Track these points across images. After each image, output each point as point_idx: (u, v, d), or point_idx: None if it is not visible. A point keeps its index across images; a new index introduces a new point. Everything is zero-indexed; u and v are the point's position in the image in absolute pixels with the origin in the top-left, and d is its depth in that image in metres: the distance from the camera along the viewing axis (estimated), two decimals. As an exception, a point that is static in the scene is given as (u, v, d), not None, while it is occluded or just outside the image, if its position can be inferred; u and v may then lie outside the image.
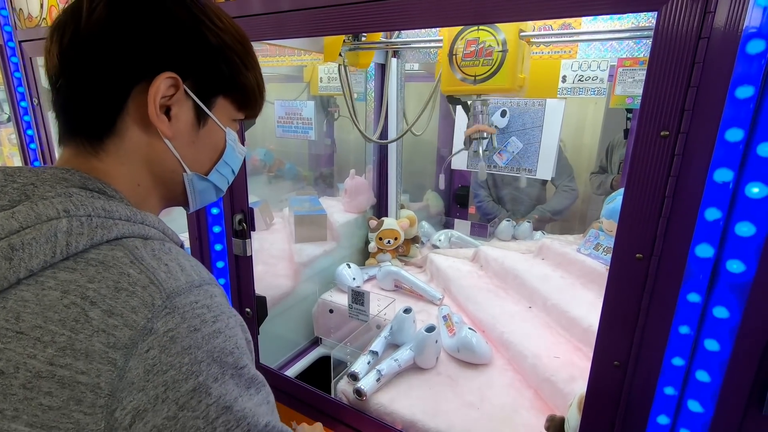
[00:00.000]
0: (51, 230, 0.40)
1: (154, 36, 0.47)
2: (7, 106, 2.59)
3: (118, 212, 0.45)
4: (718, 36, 0.55)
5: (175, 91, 0.49)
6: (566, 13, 0.64)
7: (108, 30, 0.46)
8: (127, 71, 0.47)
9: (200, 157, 0.56)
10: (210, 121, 0.54)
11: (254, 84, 0.57)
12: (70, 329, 0.38)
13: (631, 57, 1.38)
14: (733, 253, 0.59)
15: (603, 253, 1.43)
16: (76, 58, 0.47)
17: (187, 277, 0.44)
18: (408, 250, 1.99)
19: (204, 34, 0.50)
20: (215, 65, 0.52)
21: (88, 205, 0.43)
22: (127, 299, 0.40)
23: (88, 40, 0.46)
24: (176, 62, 0.48)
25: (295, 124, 1.84)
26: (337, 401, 1.18)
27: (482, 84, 1.14)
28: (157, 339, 0.39)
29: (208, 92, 0.52)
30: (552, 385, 1.13)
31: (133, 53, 0.47)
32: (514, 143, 1.58)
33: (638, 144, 0.62)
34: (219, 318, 0.44)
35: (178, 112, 0.50)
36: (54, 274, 0.40)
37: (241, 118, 0.59)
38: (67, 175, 0.46)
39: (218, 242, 1.19)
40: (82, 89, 0.47)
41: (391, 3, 0.78)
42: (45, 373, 0.37)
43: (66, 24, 0.47)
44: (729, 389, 0.63)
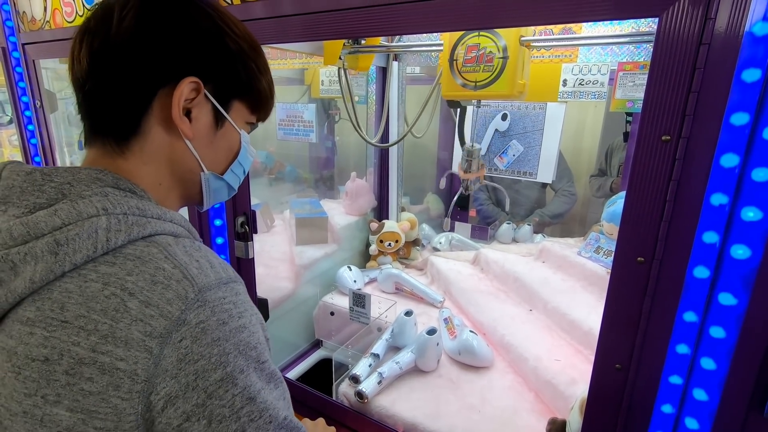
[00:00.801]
0: (92, 227, 0.43)
1: (180, 43, 0.50)
2: (9, 108, 2.60)
3: (150, 211, 0.48)
4: (719, 42, 0.55)
5: (197, 95, 0.52)
6: (568, 19, 0.64)
7: (138, 37, 0.48)
8: (154, 75, 0.50)
9: (217, 157, 0.59)
10: (227, 123, 0.57)
11: (267, 88, 0.60)
12: (111, 318, 0.40)
13: (631, 61, 1.39)
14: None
15: (604, 256, 1.43)
16: (106, 62, 0.49)
17: (216, 273, 0.47)
18: (409, 253, 2.00)
19: (225, 42, 0.53)
20: (234, 70, 0.55)
21: (123, 204, 0.46)
22: (163, 291, 0.42)
23: (119, 46, 0.48)
24: (199, 68, 0.51)
25: (297, 126, 1.85)
26: (339, 404, 1.18)
27: (483, 90, 1.15)
28: (190, 330, 0.41)
29: (226, 96, 0.55)
30: (553, 387, 1.14)
31: (159, 59, 0.49)
32: (515, 146, 1.58)
33: (640, 148, 0.63)
34: (243, 314, 0.46)
35: (198, 114, 0.53)
36: (95, 267, 0.42)
37: (254, 121, 0.62)
38: (101, 176, 0.49)
39: (221, 240, 1.20)
40: (111, 92, 0.50)
41: (392, 8, 0.79)
42: (87, 360, 0.39)
43: (96, 30, 0.49)
44: (731, 392, 0.63)
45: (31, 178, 0.47)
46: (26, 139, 1.67)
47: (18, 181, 0.47)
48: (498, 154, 1.61)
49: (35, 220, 0.43)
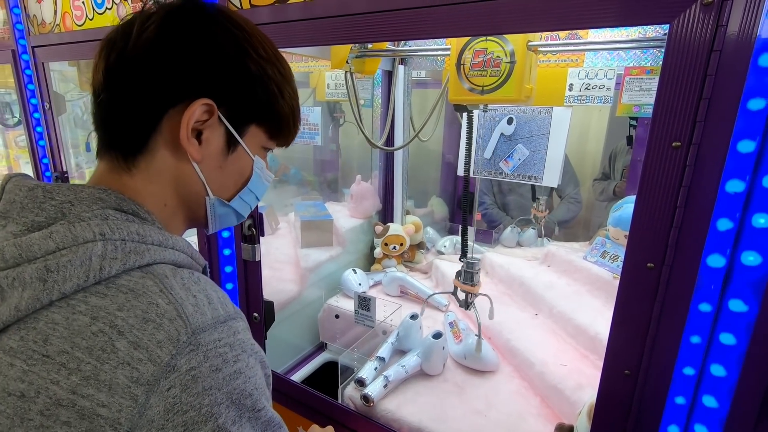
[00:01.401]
0: (86, 253, 0.41)
1: (197, 63, 0.48)
2: (16, 110, 2.62)
3: (151, 237, 0.46)
4: (730, 49, 0.55)
5: (209, 117, 0.50)
6: (579, 25, 0.65)
7: (153, 52, 0.47)
8: (165, 93, 0.48)
9: (225, 182, 0.56)
10: (239, 148, 0.54)
11: (289, 114, 0.57)
12: (96, 358, 0.37)
13: (638, 66, 1.39)
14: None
15: (610, 260, 1.43)
16: (120, 75, 0.48)
17: (214, 311, 0.44)
18: (413, 256, 2.00)
19: (246, 65, 0.50)
20: (252, 94, 0.52)
21: (123, 229, 0.44)
22: (154, 332, 0.39)
23: (134, 60, 0.47)
24: (214, 89, 0.49)
25: (302, 129, 1.86)
26: (344, 407, 1.18)
27: (490, 95, 1.15)
28: (179, 377, 0.39)
29: (241, 120, 0.53)
30: (559, 393, 1.13)
31: (173, 77, 0.48)
32: (521, 150, 1.59)
33: (650, 154, 0.63)
34: (240, 358, 0.44)
35: (209, 136, 0.51)
36: (85, 298, 0.40)
37: (272, 146, 0.59)
38: (104, 195, 0.47)
39: (227, 247, 1.20)
40: (121, 107, 0.49)
41: (400, 14, 0.79)
42: (65, 402, 0.36)
43: (115, 42, 0.48)
44: (741, 399, 0.63)
45: (33, 194, 0.45)
46: (34, 141, 1.68)
47: (20, 196, 0.45)
48: (504, 158, 1.61)
49: (29, 242, 0.41)
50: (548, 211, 1.97)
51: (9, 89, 2.57)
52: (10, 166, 3.02)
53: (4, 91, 2.64)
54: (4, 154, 3.05)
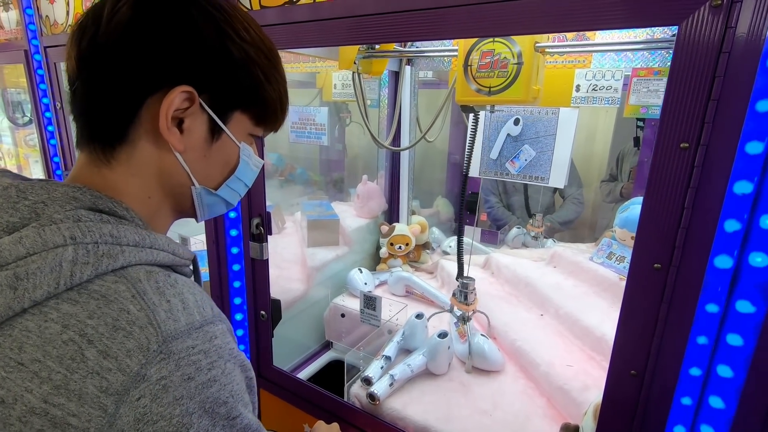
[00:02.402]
0: (56, 259, 0.39)
1: (174, 48, 0.46)
2: (27, 109, 2.65)
3: (126, 237, 0.44)
4: (739, 50, 0.56)
5: (190, 105, 0.47)
6: (588, 27, 0.65)
7: (126, 37, 0.45)
8: (142, 81, 0.46)
9: (211, 171, 0.54)
10: (224, 136, 0.52)
11: (276, 99, 0.55)
12: (66, 368, 0.37)
13: (645, 67, 1.38)
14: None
15: (616, 262, 1.43)
16: (92, 62, 0.46)
17: (188, 316, 0.43)
18: (419, 256, 2.00)
19: (227, 49, 0.48)
20: (235, 80, 0.50)
21: (95, 231, 0.42)
22: (124, 340, 0.38)
23: (106, 45, 0.45)
24: (194, 75, 0.47)
25: (309, 129, 1.87)
26: (350, 405, 1.19)
27: (497, 96, 1.16)
28: (149, 387, 0.38)
29: (224, 106, 0.51)
30: (565, 393, 1.13)
31: (149, 63, 0.45)
32: (527, 151, 1.59)
33: (658, 155, 0.63)
34: (215, 364, 0.42)
35: (191, 125, 0.49)
36: (57, 305, 0.39)
37: (259, 133, 0.57)
38: (78, 194, 0.45)
39: (235, 245, 1.21)
40: (97, 95, 0.47)
41: (410, 15, 0.80)
42: (39, 410, 0.36)
43: (86, 27, 0.46)
44: (748, 400, 0.63)
45: (7, 193, 0.44)
46: (46, 140, 1.71)
47: None
48: (510, 158, 1.61)
49: (0, 247, 0.39)
50: (543, 227, 1.99)
51: (20, 89, 2.60)
52: (19, 165, 3.06)
53: (14, 90, 2.68)
54: (14, 153, 3.09)
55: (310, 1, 0.91)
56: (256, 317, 1.27)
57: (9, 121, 2.77)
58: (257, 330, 1.29)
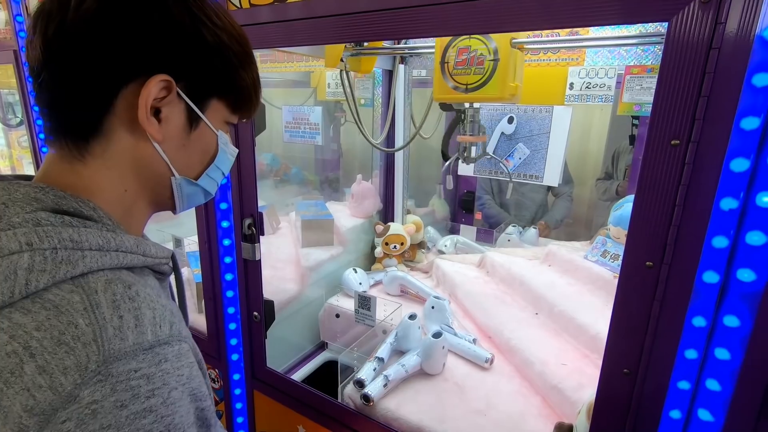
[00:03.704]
0: (11, 267, 0.37)
1: (149, 34, 0.44)
2: (19, 110, 2.63)
3: (89, 241, 0.42)
4: (729, 47, 0.55)
5: (168, 93, 0.46)
6: (577, 23, 0.65)
7: (98, 23, 0.42)
8: (117, 70, 0.44)
9: (190, 161, 0.54)
10: (202, 124, 0.51)
11: (250, 85, 0.54)
12: (4, 381, 0.35)
13: (638, 64, 1.38)
14: (744, 262, 0.59)
15: (610, 260, 1.43)
16: (60, 51, 0.43)
17: (139, 335, 0.40)
18: (414, 256, 2.00)
19: (201, 34, 0.47)
20: (211, 66, 0.49)
21: (54, 236, 0.40)
22: (64, 357, 0.36)
23: (76, 33, 0.42)
24: (170, 63, 0.45)
25: (303, 129, 1.86)
26: (344, 406, 1.18)
27: (474, 93, 1.14)
28: (78, 410, 0.35)
29: (201, 94, 0.50)
30: (559, 392, 1.13)
31: (124, 51, 0.43)
32: (521, 149, 1.58)
33: (649, 152, 0.63)
34: (156, 392, 0.39)
35: (168, 114, 0.48)
36: (10, 314, 0.37)
37: (234, 120, 0.57)
38: (41, 195, 0.43)
39: (227, 247, 1.20)
40: (67, 86, 0.44)
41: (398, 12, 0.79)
42: None
43: (51, 12, 0.43)
44: (740, 398, 0.62)
45: None
46: (37, 141, 1.69)
47: None
48: (504, 157, 1.61)
49: None
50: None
51: (12, 89, 2.58)
52: (12, 166, 3.04)
53: (6, 91, 2.65)
54: (6, 154, 3.06)
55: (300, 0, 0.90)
56: (249, 318, 1.26)
57: (1, 123, 2.75)
58: (250, 331, 1.28)
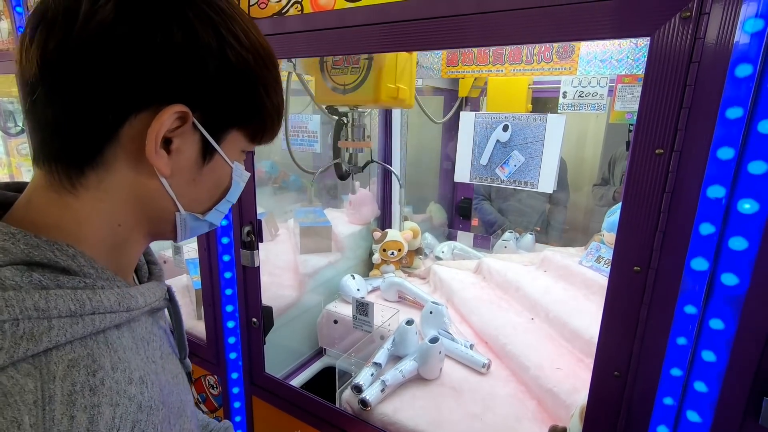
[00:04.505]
0: None
1: (169, 58, 0.38)
2: (19, 119, 2.65)
3: (58, 307, 0.36)
4: (708, 60, 0.58)
5: (181, 124, 0.41)
6: (563, 38, 0.67)
7: (112, 41, 0.36)
8: (127, 97, 0.38)
9: (200, 195, 0.48)
10: (216, 157, 0.45)
11: (274, 112, 0.48)
12: None
13: (630, 74, 1.41)
14: (727, 267, 0.61)
15: (604, 265, 1.45)
16: (62, 68, 0.37)
17: None
18: (411, 262, 2.02)
19: (227, 57, 0.41)
20: (234, 94, 0.43)
21: (16, 305, 0.34)
22: None
23: (83, 50, 0.36)
24: (189, 91, 0.40)
25: (301, 137, 1.89)
26: (342, 411, 1.19)
27: (351, 94, 1.06)
28: None
29: (220, 125, 0.44)
30: (554, 396, 1.14)
31: (138, 76, 0.38)
32: (516, 157, 1.61)
33: (634, 161, 0.65)
34: None
35: (180, 146, 0.42)
36: None
37: (252, 148, 0.52)
38: (9, 244, 0.37)
39: (226, 253, 1.22)
40: (65, 109, 0.38)
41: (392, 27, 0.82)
42: None
43: (55, 22, 0.37)
44: (726, 399, 0.64)
45: None
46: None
47: None
48: (499, 164, 1.63)
49: None
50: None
51: (12, 98, 2.60)
52: (11, 174, 3.05)
53: (6, 100, 2.68)
54: (6, 162, 3.08)
55: (298, 12, 0.93)
56: (248, 324, 1.27)
57: (1, 131, 2.77)
58: (249, 337, 1.29)
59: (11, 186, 0.46)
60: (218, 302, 1.26)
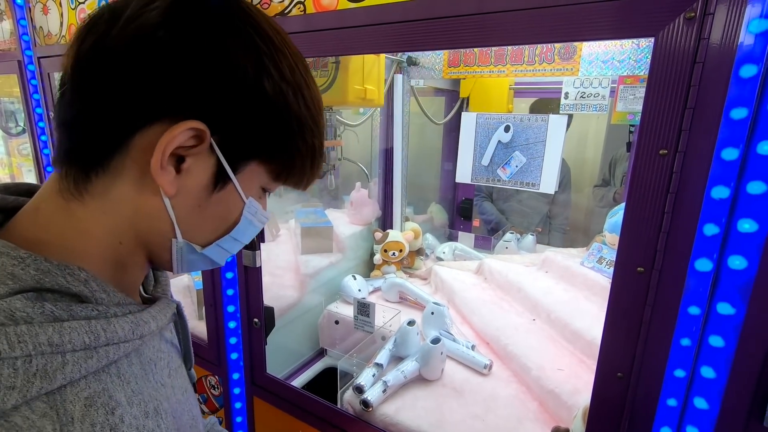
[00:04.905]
0: None
1: (199, 74, 0.37)
2: (21, 119, 2.66)
3: (72, 342, 0.34)
4: (713, 61, 0.58)
5: (198, 143, 0.38)
6: (566, 38, 0.67)
7: (143, 46, 0.36)
8: (145, 104, 0.37)
9: (202, 225, 0.44)
10: (230, 186, 0.42)
11: (306, 154, 0.45)
12: None
13: (631, 75, 1.41)
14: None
15: (606, 266, 1.45)
16: (90, 67, 0.37)
17: None
18: (412, 262, 2.01)
19: (262, 88, 0.39)
20: (261, 125, 0.40)
21: (28, 341, 0.32)
22: None
23: (113, 51, 0.36)
24: (211, 111, 0.38)
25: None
26: (344, 412, 1.19)
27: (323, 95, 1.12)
28: None
29: (240, 153, 0.41)
30: (556, 397, 1.14)
31: (161, 85, 0.36)
32: (518, 158, 1.61)
33: (638, 162, 0.65)
34: None
35: (192, 166, 0.39)
36: None
37: (274, 189, 0.48)
38: (19, 270, 0.35)
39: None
40: (86, 108, 0.37)
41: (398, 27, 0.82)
42: None
43: (96, 24, 0.37)
44: (730, 401, 0.64)
45: None
46: (39, 149, 1.71)
47: None
48: (501, 165, 1.63)
49: None
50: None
51: (13, 98, 2.61)
52: (12, 174, 3.05)
53: (7, 100, 2.68)
54: (6, 162, 3.08)
55: (300, 13, 0.93)
56: (249, 325, 1.27)
57: (2, 131, 2.77)
58: (251, 337, 1.29)
59: (11, 189, 0.44)
60: (220, 302, 1.26)
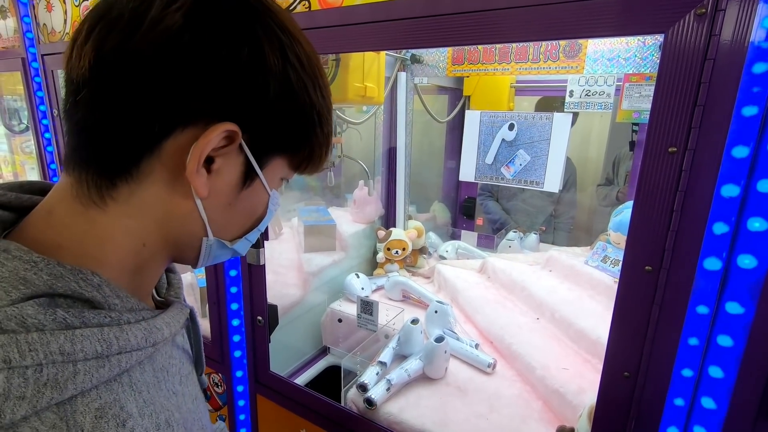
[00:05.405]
0: None
1: (230, 73, 0.36)
2: (24, 116, 2.66)
3: (84, 350, 0.33)
4: (723, 57, 0.57)
5: (228, 144, 0.38)
6: (576, 35, 0.66)
7: (173, 48, 0.35)
8: (179, 107, 0.36)
9: (232, 221, 0.45)
10: (257, 182, 0.43)
11: (324, 141, 0.46)
12: None
13: (637, 72, 1.41)
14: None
15: (611, 265, 1.44)
16: (115, 72, 0.35)
17: None
18: (415, 261, 2.01)
19: (289, 80, 0.39)
20: (287, 120, 0.41)
21: (39, 350, 0.31)
22: None
23: (142, 55, 0.34)
24: (244, 110, 0.38)
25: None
26: (347, 410, 1.19)
27: None
28: None
29: (266, 149, 0.42)
30: (560, 396, 1.14)
31: (194, 88, 0.36)
32: (522, 156, 1.60)
33: (647, 159, 0.64)
34: None
35: (222, 166, 0.39)
36: None
37: (291, 177, 0.49)
38: (31, 274, 0.34)
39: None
40: (110, 113, 0.36)
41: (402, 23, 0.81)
42: None
43: (117, 22, 0.35)
44: (738, 400, 0.64)
45: None
46: (43, 147, 1.71)
47: None
48: (505, 163, 1.62)
49: None
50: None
51: (16, 96, 2.61)
52: (15, 172, 3.06)
53: (11, 97, 2.68)
54: (10, 160, 3.09)
55: (305, 9, 0.92)
56: (253, 323, 1.27)
57: (5, 129, 2.77)
58: (254, 335, 1.29)
59: (25, 187, 0.43)
60: (223, 300, 1.26)
